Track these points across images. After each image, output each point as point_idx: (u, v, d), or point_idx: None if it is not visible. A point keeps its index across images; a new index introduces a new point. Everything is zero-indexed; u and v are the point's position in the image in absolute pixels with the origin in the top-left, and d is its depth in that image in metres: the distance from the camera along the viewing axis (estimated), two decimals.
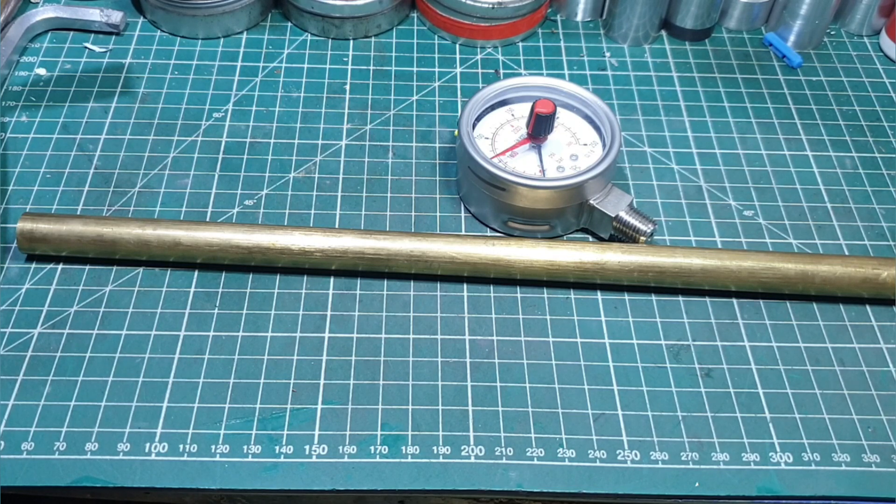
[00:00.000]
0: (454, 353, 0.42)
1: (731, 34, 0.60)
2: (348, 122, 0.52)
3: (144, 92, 0.53)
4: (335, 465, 0.38)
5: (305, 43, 0.58)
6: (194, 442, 0.38)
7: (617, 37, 0.59)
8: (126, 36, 0.57)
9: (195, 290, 0.44)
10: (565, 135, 0.47)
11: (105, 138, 0.50)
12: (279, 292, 0.44)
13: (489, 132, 0.47)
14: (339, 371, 0.41)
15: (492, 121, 0.48)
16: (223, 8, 0.56)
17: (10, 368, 0.40)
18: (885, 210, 0.49)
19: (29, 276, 0.44)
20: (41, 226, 0.43)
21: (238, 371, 0.41)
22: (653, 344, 0.42)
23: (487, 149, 0.46)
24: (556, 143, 0.47)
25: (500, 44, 0.58)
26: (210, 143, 0.51)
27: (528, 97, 0.48)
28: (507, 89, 0.48)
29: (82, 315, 0.42)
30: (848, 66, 0.58)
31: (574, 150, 0.47)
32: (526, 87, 0.48)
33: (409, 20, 0.60)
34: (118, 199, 0.47)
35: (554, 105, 0.45)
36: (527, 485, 0.37)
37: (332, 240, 0.43)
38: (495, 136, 0.47)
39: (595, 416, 0.40)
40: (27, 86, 0.53)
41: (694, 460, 0.38)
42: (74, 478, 0.37)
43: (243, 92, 0.54)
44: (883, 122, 0.54)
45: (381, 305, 0.43)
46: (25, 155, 0.49)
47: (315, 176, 0.49)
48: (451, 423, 0.39)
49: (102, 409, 0.39)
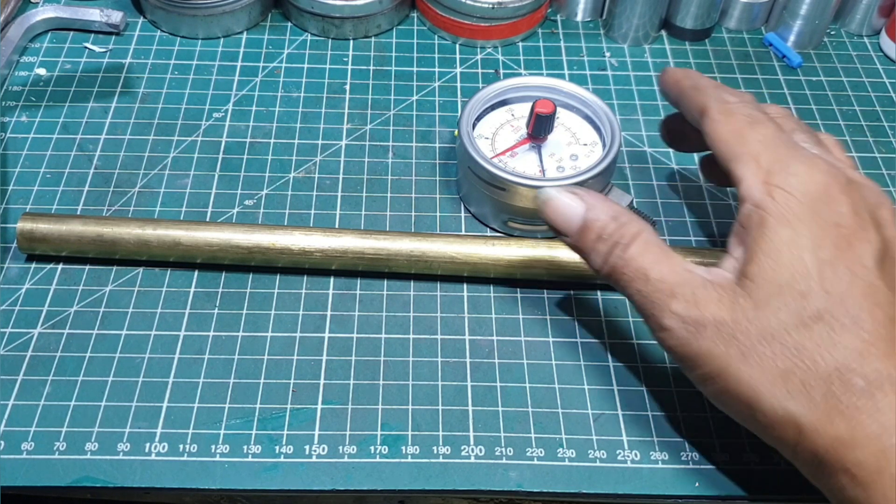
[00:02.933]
0: (454, 353, 0.42)
1: (731, 34, 0.60)
2: (348, 122, 0.52)
3: (144, 92, 0.53)
4: (335, 465, 0.38)
5: (305, 43, 0.58)
6: (194, 442, 0.38)
7: (617, 37, 0.59)
8: (126, 36, 0.57)
9: (195, 290, 0.44)
10: (565, 135, 0.47)
11: (105, 138, 0.50)
12: (279, 292, 0.44)
13: (489, 132, 0.47)
14: (339, 371, 0.41)
15: (492, 121, 0.48)
16: (223, 8, 0.56)
17: (10, 368, 0.40)
18: None
19: (29, 276, 0.44)
20: (41, 226, 0.43)
21: (238, 371, 0.41)
22: (653, 344, 0.42)
23: (487, 149, 0.46)
24: (556, 143, 0.47)
25: (500, 44, 0.58)
26: (210, 143, 0.51)
27: (527, 97, 0.48)
28: (507, 89, 0.48)
29: (82, 315, 0.42)
30: (848, 66, 0.58)
31: (574, 150, 0.47)
32: (526, 87, 0.48)
33: (409, 20, 0.60)
34: (118, 199, 0.47)
35: (554, 105, 0.45)
36: (527, 485, 0.37)
37: (332, 240, 0.43)
38: (495, 137, 0.47)
39: (595, 416, 0.40)
40: (27, 86, 0.53)
41: (694, 460, 0.38)
42: (74, 478, 0.37)
43: (243, 92, 0.54)
44: (883, 122, 0.54)
45: (381, 305, 0.43)
46: (25, 155, 0.49)
47: (315, 176, 0.49)
48: (451, 423, 0.39)
49: (102, 409, 0.39)
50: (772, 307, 0.32)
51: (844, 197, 0.33)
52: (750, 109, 0.37)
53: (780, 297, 0.32)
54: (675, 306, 0.33)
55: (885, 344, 0.31)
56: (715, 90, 0.39)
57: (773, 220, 0.33)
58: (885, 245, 0.33)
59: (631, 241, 0.35)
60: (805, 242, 0.32)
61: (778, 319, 0.32)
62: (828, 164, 0.34)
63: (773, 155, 0.35)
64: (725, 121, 0.37)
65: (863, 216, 0.33)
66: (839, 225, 0.33)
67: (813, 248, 0.32)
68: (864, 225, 0.33)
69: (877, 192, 0.36)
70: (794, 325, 0.31)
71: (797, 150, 0.35)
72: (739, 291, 0.33)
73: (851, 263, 0.32)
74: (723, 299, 0.33)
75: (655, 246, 0.35)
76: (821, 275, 0.32)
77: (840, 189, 0.34)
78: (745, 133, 0.36)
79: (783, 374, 0.31)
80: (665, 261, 0.35)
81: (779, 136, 0.36)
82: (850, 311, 0.31)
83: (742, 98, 0.38)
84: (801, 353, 0.31)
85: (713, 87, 0.39)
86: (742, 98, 0.38)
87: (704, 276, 0.34)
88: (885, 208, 0.35)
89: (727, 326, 0.32)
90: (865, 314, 0.31)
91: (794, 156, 0.34)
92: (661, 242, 0.36)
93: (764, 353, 0.32)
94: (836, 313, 0.31)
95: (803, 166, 0.34)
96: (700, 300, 0.33)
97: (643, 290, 0.34)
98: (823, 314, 0.31)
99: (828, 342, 0.31)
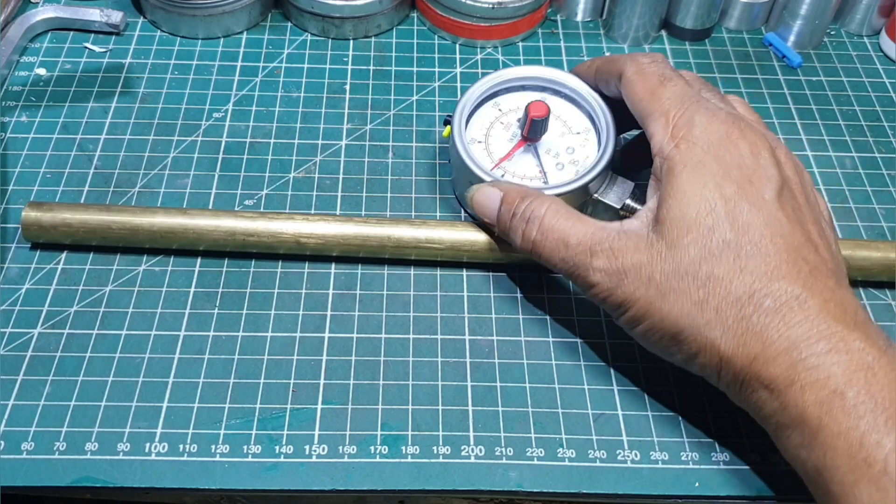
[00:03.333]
0: (454, 353, 0.42)
1: (730, 34, 0.60)
2: (348, 122, 0.52)
3: (144, 92, 0.53)
4: (335, 465, 0.38)
5: (305, 43, 0.58)
6: (194, 442, 0.38)
7: (617, 37, 0.59)
8: (126, 36, 0.57)
9: (195, 290, 0.44)
10: (557, 125, 0.47)
11: (105, 138, 0.50)
12: (279, 292, 0.44)
13: (481, 134, 0.47)
14: (339, 371, 0.41)
15: (481, 120, 0.47)
16: (223, 8, 0.56)
17: (10, 368, 0.40)
18: (886, 210, 0.49)
19: (29, 276, 0.44)
20: (46, 213, 0.43)
21: (238, 371, 0.41)
22: None
23: (484, 157, 0.46)
24: (550, 137, 0.46)
25: (501, 44, 0.58)
26: (210, 143, 0.51)
27: (510, 88, 0.48)
28: (492, 86, 0.47)
29: (82, 315, 0.42)
30: (848, 66, 0.58)
31: (568, 141, 0.46)
32: (508, 81, 0.48)
33: (409, 20, 0.60)
34: (118, 199, 0.47)
35: (547, 107, 0.44)
36: (527, 485, 0.37)
37: (332, 226, 0.43)
38: (488, 139, 0.47)
39: (595, 416, 0.40)
40: (27, 86, 0.53)
41: (694, 460, 0.38)
42: (74, 478, 0.37)
43: (243, 92, 0.54)
44: (883, 121, 0.54)
45: (381, 305, 0.43)
46: (25, 155, 0.49)
47: (315, 176, 0.49)
48: (451, 423, 0.39)
49: (102, 409, 0.39)
50: (682, 244, 0.35)
51: (743, 141, 0.37)
52: (662, 68, 0.40)
53: (690, 234, 0.35)
54: (597, 262, 0.37)
55: (787, 267, 0.34)
56: (628, 56, 0.42)
57: (679, 167, 0.36)
58: (782, 181, 0.36)
59: (544, 213, 0.39)
60: (709, 182, 0.35)
61: (689, 255, 0.34)
62: (727, 114, 0.38)
63: (680, 109, 0.38)
64: (639, 80, 0.40)
65: (762, 156, 0.37)
66: (740, 166, 0.36)
67: (716, 186, 0.35)
68: (763, 164, 0.36)
69: (773, 137, 0.39)
70: (703, 257, 0.34)
71: (701, 103, 0.38)
72: (653, 236, 0.36)
73: (753, 198, 0.35)
74: (639, 246, 0.36)
75: (566, 212, 0.39)
76: (726, 210, 0.35)
77: (739, 134, 0.37)
78: (656, 91, 0.39)
79: (699, 304, 0.34)
80: (579, 224, 0.38)
81: (686, 91, 0.39)
82: (753, 240, 0.34)
83: (654, 58, 0.41)
84: (713, 282, 0.34)
85: (626, 55, 0.42)
86: (654, 58, 0.41)
87: (619, 228, 0.37)
88: (780, 150, 0.38)
89: (645, 269, 0.35)
90: (768, 241, 0.34)
91: (698, 109, 0.38)
92: (570, 209, 0.39)
93: (680, 288, 0.34)
94: (741, 242, 0.34)
95: (705, 117, 0.37)
96: (617, 251, 0.36)
97: (565, 256, 0.38)
98: (730, 243, 0.34)
99: (736, 269, 0.34)
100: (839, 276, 0.35)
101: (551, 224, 0.38)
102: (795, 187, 0.37)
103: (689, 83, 0.41)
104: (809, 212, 0.37)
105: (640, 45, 0.59)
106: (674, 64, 0.57)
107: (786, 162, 0.38)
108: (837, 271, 0.35)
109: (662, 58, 0.42)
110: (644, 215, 0.37)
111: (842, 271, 0.36)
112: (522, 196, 0.40)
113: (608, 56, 0.45)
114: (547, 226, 0.38)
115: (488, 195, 0.42)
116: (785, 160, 0.38)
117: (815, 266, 0.34)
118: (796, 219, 0.35)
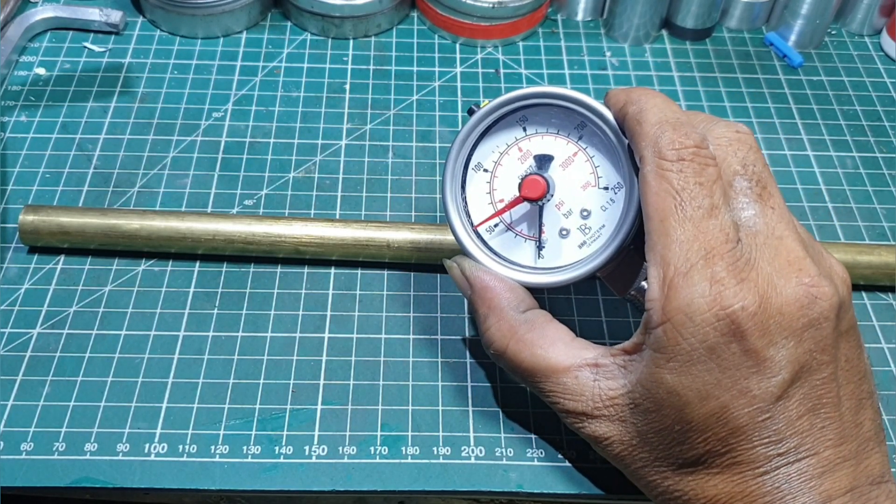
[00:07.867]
0: (454, 354, 0.42)
1: (731, 34, 0.60)
2: (348, 121, 0.52)
3: (144, 91, 0.53)
4: (335, 466, 0.38)
5: (305, 42, 0.57)
6: (194, 442, 0.38)
7: (618, 36, 0.59)
8: (125, 35, 0.57)
9: (195, 290, 0.44)
10: (583, 171, 0.36)
11: (104, 138, 0.50)
12: (279, 292, 0.44)
13: (490, 161, 0.37)
14: (338, 371, 0.41)
15: (496, 142, 0.37)
16: (223, 7, 0.56)
17: (9, 368, 0.40)
18: (887, 210, 0.49)
19: (28, 276, 0.44)
20: (42, 217, 0.43)
21: (238, 371, 0.40)
22: None
23: (480, 196, 0.37)
24: (569, 188, 0.36)
25: (501, 43, 0.58)
26: (209, 142, 0.51)
27: (541, 105, 0.36)
28: (520, 101, 0.36)
29: (82, 315, 0.42)
30: (849, 65, 0.58)
31: (589, 198, 0.36)
32: (545, 96, 0.36)
33: (409, 20, 0.60)
34: (117, 199, 0.47)
35: (546, 187, 0.35)
36: (527, 485, 0.37)
37: (331, 229, 0.43)
38: (497, 169, 0.37)
39: None
40: (26, 85, 0.53)
41: None
42: (74, 478, 0.37)
43: (243, 91, 0.54)
44: (884, 121, 0.54)
45: (381, 305, 0.43)
46: (25, 155, 0.49)
47: (315, 176, 0.49)
48: (451, 424, 0.39)
49: (102, 410, 0.39)
50: (664, 425, 0.32)
51: (737, 346, 0.30)
52: (684, 176, 0.31)
53: (668, 422, 0.32)
54: (569, 404, 0.34)
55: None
56: (654, 136, 0.32)
57: (662, 360, 0.31)
58: (798, 369, 0.30)
59: (507, 345, 0.36)
60: (690, 395, 0.31)
61: (672, 432, 0.32)
62: (733, 290, 0.30)
63: (684, 266, 0.30)
64: (655, 187, 0.31)
65: (766, 355, 0.30)
66: (734, 374, 0.30)
67: (700, 400, 0.30)
68: (770, 362, 0.30)
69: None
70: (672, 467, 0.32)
71: (708, 265, 0.30)
72: (629, 412, 0.33)
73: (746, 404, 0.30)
74: (615, 405, 0.33)
75: (531, 341, 0.35)
76: (717, 417, 0.31)
77: (733, 338, 0.30)
78: (667, 220, 0.31)
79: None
80: (544, 361, 0.35)
81: (696, 235, 0.30)
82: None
83: (680, 153, 0.31)
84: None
85: (655, 126, 0.32)
86: (680, 153, 0.31)
87: (594, 376, 0.34)
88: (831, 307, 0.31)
89: (621, 425, 0.33)
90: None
91: (699, 282, 0.30)
92: (542, 331, 0.35)
93: (663, 444, 0.32)
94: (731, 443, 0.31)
95: (705, 302, 0.30)
96: (591, 399, 0.34)
97: (531, 384, 0.36)
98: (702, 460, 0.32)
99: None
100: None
101: (515, 352, 0.35)
102: (822, 368, 0.31)
103: (722, 172, 0.32)
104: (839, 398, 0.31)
105: (641, 45, 0.59)
106: (674, 63, 0.57)
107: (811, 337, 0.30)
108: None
109: (698, 138, 0.32)
110: (634, 363, 0.33)
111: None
112: (489, 307, 0.36)
113: (636, 112, 0.33)
114: (511, 353, 0.35)
115: (457, 279, 0.38)
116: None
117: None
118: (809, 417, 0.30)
